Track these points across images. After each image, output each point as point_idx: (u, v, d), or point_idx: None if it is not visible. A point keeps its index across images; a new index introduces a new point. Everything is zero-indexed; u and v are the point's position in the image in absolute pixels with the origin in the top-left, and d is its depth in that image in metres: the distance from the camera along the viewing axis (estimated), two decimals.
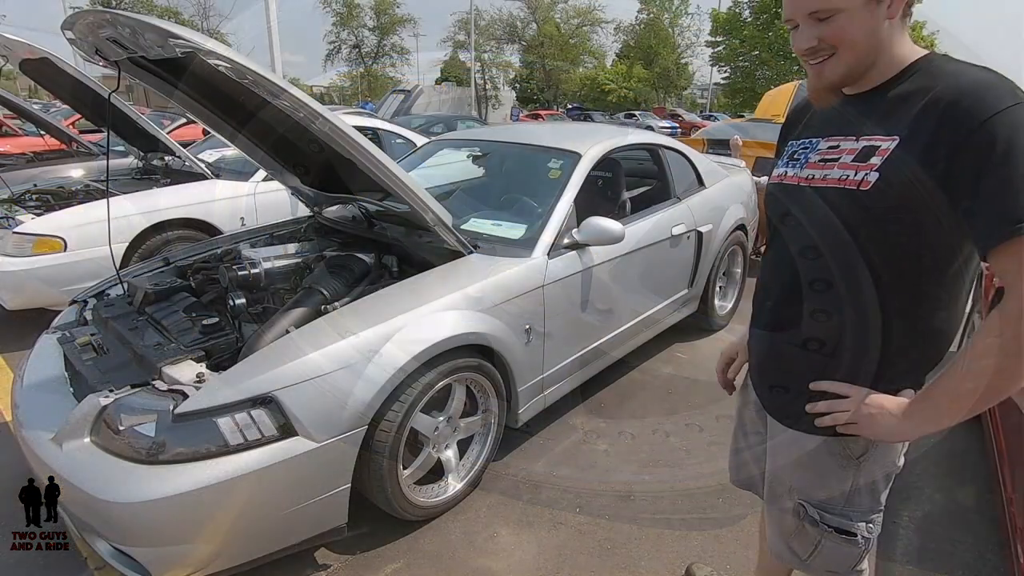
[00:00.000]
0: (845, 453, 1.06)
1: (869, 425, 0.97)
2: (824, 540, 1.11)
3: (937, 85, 0.86)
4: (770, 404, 1.17)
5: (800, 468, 1.12)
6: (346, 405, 1.67)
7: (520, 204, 2.64)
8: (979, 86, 0.83)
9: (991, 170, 0.79)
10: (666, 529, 2.07)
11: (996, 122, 0.78)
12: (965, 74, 0.86)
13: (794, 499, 1.14)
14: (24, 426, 1.71)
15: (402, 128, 5.47)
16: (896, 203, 0.89)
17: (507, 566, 1.90)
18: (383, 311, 1.85)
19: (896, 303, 0.95)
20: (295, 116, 1.85)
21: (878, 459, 1.05)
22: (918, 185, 0.85)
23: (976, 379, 0.85)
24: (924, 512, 2.16)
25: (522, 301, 2.16)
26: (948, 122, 0.83)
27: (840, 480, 1.08)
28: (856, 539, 1.10)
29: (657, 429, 2.69)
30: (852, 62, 0.92)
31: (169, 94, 2.18)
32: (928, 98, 0.86)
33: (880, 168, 0.89)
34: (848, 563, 1.14)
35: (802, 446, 1.10)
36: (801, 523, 1.13)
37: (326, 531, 1.76)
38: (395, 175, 1.94)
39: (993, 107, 0.79)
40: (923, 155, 0.85)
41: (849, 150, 0.95)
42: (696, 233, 3.23)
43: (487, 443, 2.23)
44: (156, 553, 1.51)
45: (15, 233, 3.29)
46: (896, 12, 0.89)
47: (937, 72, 0.89)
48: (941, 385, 0.90)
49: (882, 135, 0.91)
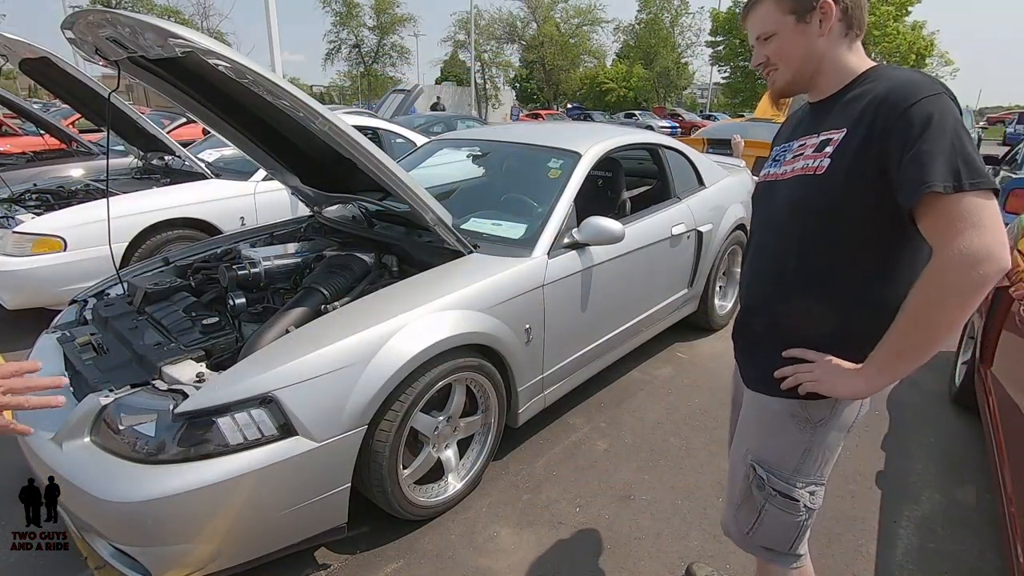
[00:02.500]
0: (805, 416, 1.16)
1: (831, 384, 1.08)
2: (768, 505, 1.20)
3: (876, 87, 1.03)
4: (745, 374, 1.29)
5: (760, 429, 1.24)
6: (346, 405, 1.67)
7: (520, 204, 2.64)
8: (906, 82, 0.99)
9: (911, 145, 0.93)
10: (666, 529, 2.07)
11: (916, 108, 0.94)
12: (898, 76, 1.03)
13: (747, 461, 1.24)
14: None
15: (402, 128, 5.47)
16: (844, 183, 1.03)
17: (507, 566, 1.90)
18: (383, 311, 1.85)
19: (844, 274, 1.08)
20: (295, 116, 1.85)
21: (834, 424, 1.16)
22: (860, 165, 1.01)
23: (916, 331, 0.97)
24: (924, 512, 2.16)
25: (522, 301, 2.16)
26: (880, 112, 0.99)
27: (795, 443, 1.18)
28: (798, 505, 1.18)
29: (657, 429, 2.69)
30: (792, 72, 1.13)
31: (169, 94, 2.18)
32: (869, 97, 1.03)
33: (832, 155, 1.05)
34: (787, 536, 1.22)
35: (767, 408, 1.21)
36: (749, 488, 1.24)
37: (326, 531, 1.76)
38: (395, 175, 1.94)
39: (914, 96, 0.95)
40: (863, 141, 1.00)
41: (811, 144, 1.12)
42: (696, 233, 3.23)
43: (487, 443, 2.23)
44: (156, 553, 1.51)
45: (15, 233, 3.29)
46: (827, 30, 1.08)
47: (878, 77, 1.06)
48: (889, 340, 1.01)
49: (834, 129, 1.07)
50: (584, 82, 40.91)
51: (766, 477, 1.20)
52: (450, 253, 2.24)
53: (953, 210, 0.91)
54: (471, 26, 29.50)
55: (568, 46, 38.78)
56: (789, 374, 1.13)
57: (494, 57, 40.48)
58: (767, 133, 6.67)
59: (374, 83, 38.03)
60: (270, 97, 1.75)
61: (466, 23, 32.93)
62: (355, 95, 40.17)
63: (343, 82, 42.20)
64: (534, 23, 38.80)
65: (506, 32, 39.34)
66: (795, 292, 1.14)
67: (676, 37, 38.35)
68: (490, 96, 38.08)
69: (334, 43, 37.62)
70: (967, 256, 0.89)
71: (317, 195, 2.72)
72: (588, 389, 2.93)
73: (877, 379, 1.03)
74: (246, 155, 2.58)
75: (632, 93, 38.69)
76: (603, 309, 2.61)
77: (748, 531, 1.26)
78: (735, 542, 1.33)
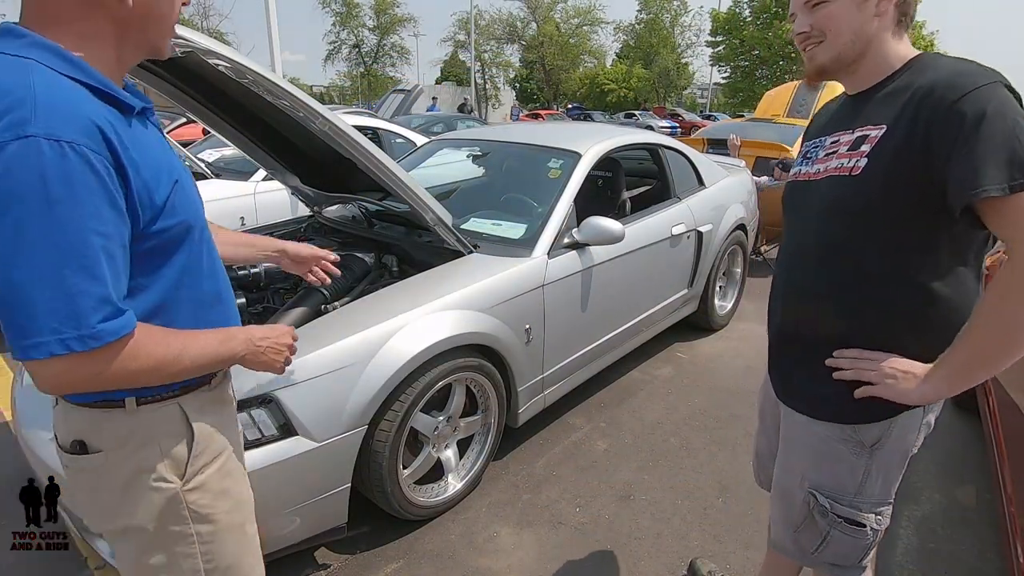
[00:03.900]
0: (857, 440, 1.07)
1: (892, 386, 0.99)
2: (832, 531, 1.12)
3: (920, 78, 0.94)
4: (783, 390, 1.20)
5: (811, 456, 1.14)
6: (346, 405, 1.67)
7: (520, 204, 2.64)
8: (955, 72, 0.90)
9: (963, 144, 0.85)
10: (666, 529, 2.07)
11: (967, 100, 0.86)
12: (944, 66, 0.94)
13: (804, 488, 1.15)
14: (24, 426, 1.71)
15: (402, 128, 5.47)
16: (883, 184, 0.95)
17: (507, 566, 1.90)
18: (383, 311, 1.85)
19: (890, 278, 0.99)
20: (295, 116, 1.85)
21: (893, 447, 1.06)
22: (901, 166, 0.93)
23: (993, 334, 0.89)
24: (924, 512, 2.16)
25: (522, 301, 2.16)
26: (926, 105, 0.90)
27: (852, 468, 1.08)
28: (865, 530, 1.11)
29: (657, 429, 2.69)
30: (838, 49, 1.02)
31: (169, 94, 2.17)
32: (912, 90, 0.94)
33: (869, 154, 0.97)
34: (855, 555, 1.14)
35: (813, 432, 1.12)
36: (810, 514, 1.14)
37: (326, 531, 1.76)
38: (395, 175, 1.94)
39: (965, 87, 0.87)
40: (905, 140, 0.92)
41: (845, 141, 1.03)
42: (696, 233, 3.23)
43: (487, 443, 2.23)
44: None
45: None
46: (884, 11, 0.98)
47: (922, 67, 0.97)
48: (962, 344, 0.93)
49: (872, 126, 0.99)
50: (584, 82, 40.92)
51: (829, 505, 1.11)
52: (450, 253, 2.24)
53: (1020, 210, 0.84)
54: (471, 26, 29.49)
55: (568, 46, 38.79)
56: (846, 367, 1.04)
57: (494, 57, 40.50)
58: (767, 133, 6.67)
59: (374, 83, 38.05)
60: (270, 97, 1.75)
61: (466, 23, 32.94)
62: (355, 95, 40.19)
63: (343, 82, 42.24)
64: (534, 23, 38.82)
65: (506, 32, 39.36)
66: (837, 300, 1.05)
67: (676, 37, 38.37)
68: (490, 96, 38.07)
69: (334, 43, 37.68)
70: None
71: (317, 195, 2.72)
72: (588, 389, 2.93)
73: (945, 385, 0.96)
74: (246, 155, 2.58)
75: (632, 93, 38.70)
76: (603, 309, 2.61)
77: (813, 551, 1.17)
78: (793, 559, 1.25)
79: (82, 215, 0.71)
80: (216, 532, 0.97)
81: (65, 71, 0.74)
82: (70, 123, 0.71)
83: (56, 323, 0.70)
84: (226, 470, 1.00)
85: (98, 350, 0.74)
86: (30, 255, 0.69)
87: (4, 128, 0.68)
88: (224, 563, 0.99)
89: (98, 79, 0.78)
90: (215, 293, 0.97)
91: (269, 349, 1.01)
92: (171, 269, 0.87)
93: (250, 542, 1.06)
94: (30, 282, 0.70)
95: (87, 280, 0.72)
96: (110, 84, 0.80)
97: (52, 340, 0.71)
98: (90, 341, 0.72)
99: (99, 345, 0.73)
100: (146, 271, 0.83)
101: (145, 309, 0.84)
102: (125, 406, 0.88)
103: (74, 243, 0.71)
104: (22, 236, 0.69)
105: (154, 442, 0.90)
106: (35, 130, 0.68)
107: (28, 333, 0.70)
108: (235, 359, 0.96)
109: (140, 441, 0.89)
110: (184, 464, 0.92)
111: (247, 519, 1.05)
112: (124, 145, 0.77)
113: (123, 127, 0.79)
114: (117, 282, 0.76)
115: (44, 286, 0.70)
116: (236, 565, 1.02)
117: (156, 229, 0.82)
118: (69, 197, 0.70)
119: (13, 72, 0.71)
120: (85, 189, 0.71)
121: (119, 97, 0.80)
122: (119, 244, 0.76)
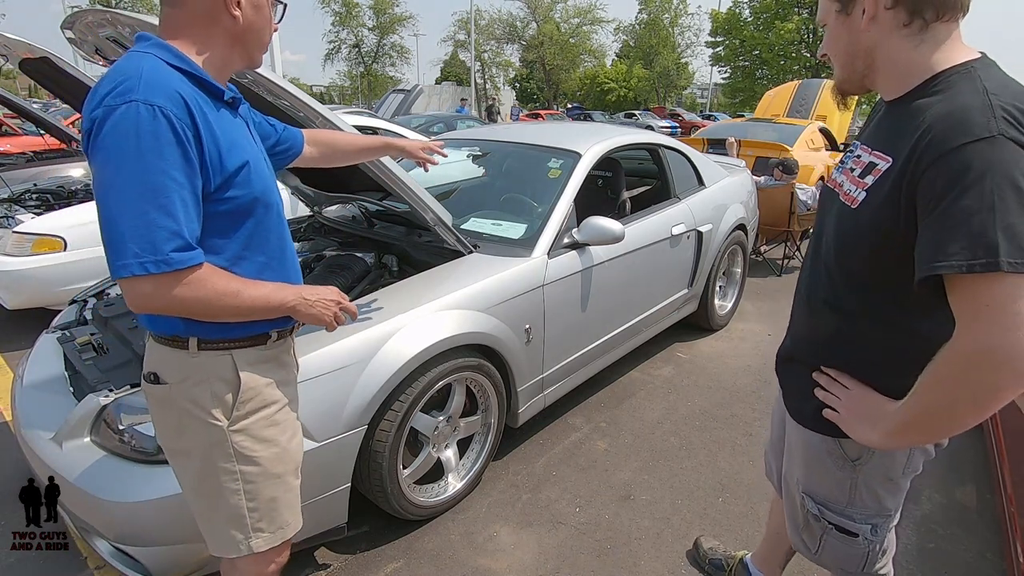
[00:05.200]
0: (841, 454, 1.08)
1: (845, 420, 1.00)
2: (826, 536, 1.15)
3: (935, 107, 0.83)
4: (784, 392, 1.24)
5: (804, 464, 1.16)
6: (346, 405, 1.67)
7: (520, 204, 2.64)
8: (960, 110, 0.79)
9: (936, 203, 0.78)
10: (666, 529, 2.07)
11: (956, 154, 0.76)
12: (959, 100, 0.81)
13: (799, 491, 1.19)
14: (24, 426, 1.71)
15: (402, 128, 5.46)
16: (871, 222, 0.91)
17: (507, 566, 1.90)
18: (383, 311, 1.85)
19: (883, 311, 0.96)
20: (295, 116, 1.85)
21: (876, 465, 1.06)
22: (888, 209, 0.87)
23: (927, 410, 0.85)
24: (924, 512, 2.16)
25: (522, 301, 2.16)
26: (917, 151, 0.82)
27: (838, 480, 1.10)
28: (858, 540, 1.11)
29: (657, 429, 2.69)
30: (839, 68, 1.00)
31: None
32: (922, 118, 0.83)
33: (868, 188, 0.92)
34: (855, 562, 1.15)
35: (807, 443, 1.14)
36: (807, 516, 1.18)
37: (326, 531, 1.76)
38: (395, 174, 1.94)
39: (958, 137, 0.77)
40: (896, 180, 0.85)
41: (863, 162, 0.97)
42: (696, 233, 3.23)
43: (487, 443, 2.23)
44: (156, 552, 1.51)
45: (15, 233, 3.29)
46: (874, 15, 0.89)
47: (948, 89, 0.84)
48: (903, 407, 0.89)
49: (884, 153, 0.91)
50: (584, 82, 40.92)
51: (819, 511, 1.14)
52: (450, 253, 2.24)
53: (977, 294, 0.74)
54: (471, 26, 29.51)
55: (568, 46, 38.78)
56: (823, 386, 1.04)
57: (494, 57, 40.52)
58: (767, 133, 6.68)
59: (374, 83, 38.06)
60: (270, 97, 1.75)
61: (466, 23, 32.94)
62: (355, 95, 40.20)
63: (343, 82, 42.25)
64: (534, 23, 38.82)
65: (506, 32, 39.37)
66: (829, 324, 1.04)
67: (676, 37, 38.34)
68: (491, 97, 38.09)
69: (334, 43, 37.71)
70: (984, 354, 0.74)
71: (317, 195, 2.72)
72: (588, 389, 2.93)
73: (890, 440, 0.93)
74: None
75: (632, 93, 38.68)
76: (603, 309, 2.61)
77: (815, 552, 1.20)
78: (804, 556, 1.26)
79: (163, 165, 0.89)
80: (259, 474, 1.11)
81: (170, 61, 0.96)
82: (162, 93, 0.90)
83: (137, 248, 0.88)
84: (272, 420, 1.13)
85: (170, 274, 0.91)
86: (122, 192, 0.88)
87: (118, 95, 0.89)
88: (265, 506, 1.13)
89: (194, 68, 0.98)
90: (280, 264, 1.13)
91: (318, 303, 1.13)
92: (241, 233, 1.04)
93: (291, 493, 1.19)
94: (120, 215, 0.88)
95: (163, 216, 0.89)
96: (203, 73, 1.00)
97: (134, 263, 0.88)
98: (163, 265, 0.89)
99: (170, 270, 0.90)
100: (218, 231, 1.01)
101: (215, 264, 1.00)
102: (188, 347, 1.04)
103: (155, 186, 0.89)
104: (120, 177, 0.88)
105: (207, 383, 1.06)
106: (137, 97, 0.88)
107: (118, 255, 0.89)
108: (286, 307, 1.08)
109: (196, 380, 1.06)
110: (231, 408, 1.07)
111: (290, 471, 1.18)
112: (204, 117, 0.96)
113: (208, 106, 0.99)
114: (189, 222, 0.93)
115: (131, 218, 0.88)
116: (276, 511, 1.15)
117: (228, 196, 1.00)
118: (154, 149, 0.88)
119: (135, 60, 0.94)
120: (168, 144, 0.89)
121: (208, 81, 1.00)
122: (191, 192, 0.93)
